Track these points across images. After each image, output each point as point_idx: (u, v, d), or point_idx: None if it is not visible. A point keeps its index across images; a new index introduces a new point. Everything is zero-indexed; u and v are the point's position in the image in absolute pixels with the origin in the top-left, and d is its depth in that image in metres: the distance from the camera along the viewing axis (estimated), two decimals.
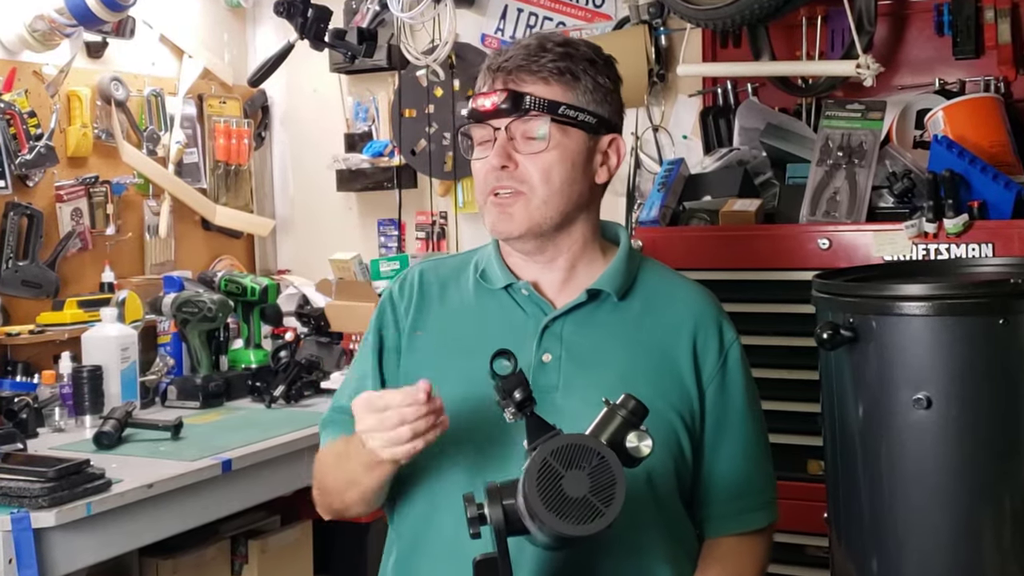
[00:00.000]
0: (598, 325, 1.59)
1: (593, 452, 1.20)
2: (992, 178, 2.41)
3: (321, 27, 3.07)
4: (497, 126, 1.55)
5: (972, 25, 2.78)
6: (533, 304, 1.60)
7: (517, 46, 1.58)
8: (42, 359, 2.98)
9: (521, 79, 1.54)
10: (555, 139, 1.54)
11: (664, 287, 1.66)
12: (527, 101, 1.53)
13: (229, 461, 2.45)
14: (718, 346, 1.62)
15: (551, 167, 1.54)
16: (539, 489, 1.19)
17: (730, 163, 2.87)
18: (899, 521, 1.40)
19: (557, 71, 1.54)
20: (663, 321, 1.61)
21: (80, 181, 3.30)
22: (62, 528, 2.09)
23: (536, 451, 1.22)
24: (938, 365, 1.36)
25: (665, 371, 1.59)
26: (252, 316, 3.21)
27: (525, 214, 1.55)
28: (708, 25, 2.79)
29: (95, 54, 3.39)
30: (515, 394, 1.29)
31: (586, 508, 1.19)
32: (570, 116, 1.55)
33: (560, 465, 1.20)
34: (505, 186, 1.55)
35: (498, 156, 1.54)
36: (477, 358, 1.41)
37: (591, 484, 1.19)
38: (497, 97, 1.53)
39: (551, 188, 1.55)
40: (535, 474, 1.20)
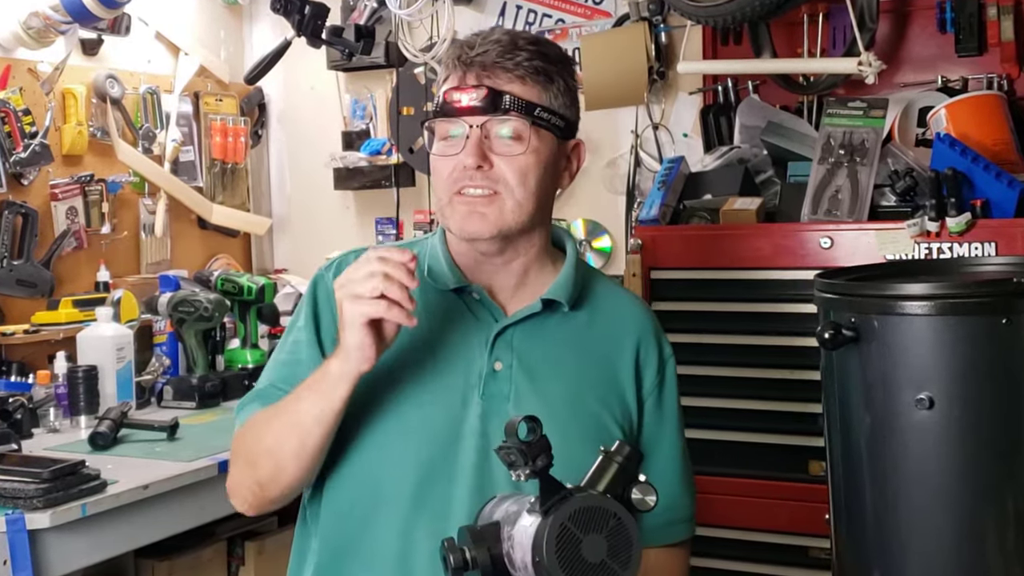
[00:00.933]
0: (549, 335, 1.56)
1: (609, 514, 1.18)
2: (995, 176, 2.42)
3: (318, 24, 3.06)
4: (472, 123, 1.48)
5: (975, 22, 2.78)
6: (484, 310, 1.56)
7: (486, 40, 1.51)
8: (37, 359, 2.97)
9: (497, 76, 1.48)
10: (532, 142, 1.49)
11: (610, 299, 1.64)
12: (507, 101, 1.47)
13: (225, 462, 2.39)
14: (657, 360, 1.62)
15: (528, 170, 1.49)
16: (559, 556, 1.16)
17: (731, 161, 2.87)
18: (901, 522, 1.40)
19: (534, 71, 1.49)
20: (609, 333, 1.60)
21: (75, 179, 3.29)
22: (57, 529, 2.08)
23: (552, 516, 1.18)
24: (941, 365, 1.36)
25: (609, 383, 1.58)
26: (249, 315, 3.20)
27: (498, 216, 1.49)
28: (709, 22, 2.80)
29: (90, 51, 3.39)
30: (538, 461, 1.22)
31: (604, 573, 1.16)
32: (544, 119, 1.50)
33: (579, 530, 1.17)
34: (479, 185, 1.49)
35: (473, 155, 1.47)
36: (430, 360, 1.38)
37: (608, 547, 1.17)
38: (476, 94, 1.47)
39: (526, 191, 1.50)
40: (554, 541, 1.16)
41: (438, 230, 1.63)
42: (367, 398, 1.50)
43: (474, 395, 1.51)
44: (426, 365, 1.49)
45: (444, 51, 3.35)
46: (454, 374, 1.52)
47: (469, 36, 1.55)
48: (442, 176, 1.51)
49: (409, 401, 1.49)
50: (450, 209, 1.52)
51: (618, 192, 3.33)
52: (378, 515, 1.49)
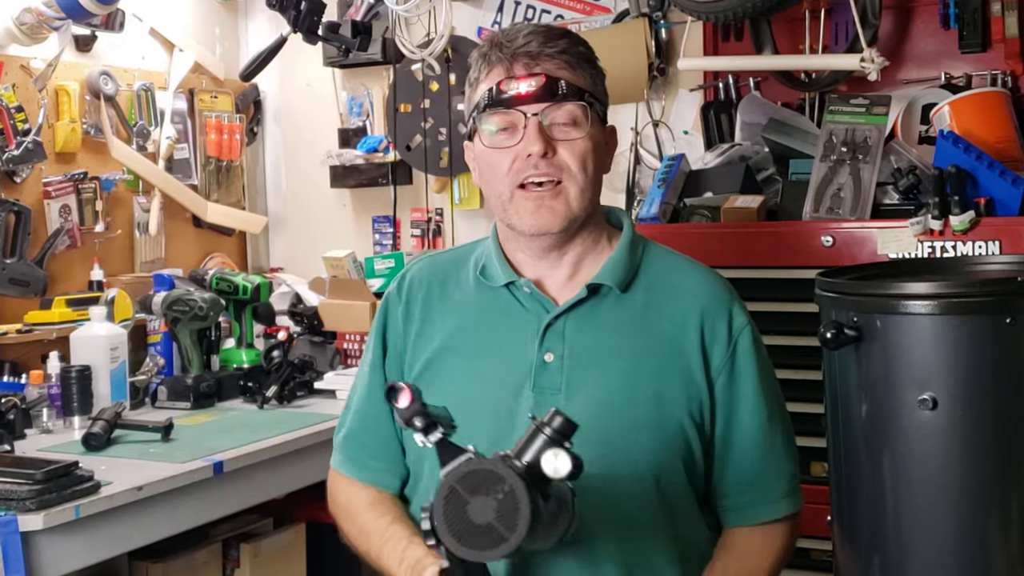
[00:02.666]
0: (601, 320, 1.55)
1: (499, 478, 1.21)
2: (999, 174, 2.43)
3: (314, 20, 3.05)
4: (531, 112, 1.50)
5: (979, 18, 2.78)
6: (535, 302, 1.57)
7: (523, 32, 1.54)
8: (30, 359, 2.95)
9: (547, 63, 1.51)
10: (587, 127, 1.52)
11: (669, 275, 1.62)
12: (562, 87, 1.49)
13: (221, 463, 2.42)
14: (727, 334, 1.58)
15: (587, 154, 1.52)
16: (445, 516, 1.21)
17: (732, 159, 2.87)
18: (903, 524, 1.39)
19: (579, 56, 1.53)
20: (668, 312, 1.58)
21: (68, 177, 3.28)
22: (50, 531, 2.07)
23: (444, 477, 1.23)
24: (944, 365, 1.34)
25: (672, 366, 1.55)
26: (244, 315, 3.19)
27: (566, 206, 1.51)
28: (709, 18, 2.80)
29: (84, 48, 3.38)
30: (415, 422, 1.30)
31: (490, 534, 1.20)
32: (593, 104, 1.53)
33: (466, 492, 1.21)
34: (544, 174, 1.50)
35: (537, 143, 1.49)
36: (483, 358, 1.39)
37: (496, 510, 1.20)
38: (533, 82, 1.49)
39: (587, 176, 1.52)
40: (441, 501, 1.22)
41: (491, 230, 1.64)
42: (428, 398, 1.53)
43: (526, 388, 1.52)
44: (479, 362, 1.53)
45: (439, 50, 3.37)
46: (506, 368, 1.54)
47: (497, 33, 1.58)
48: (501, 170, 1.52)
49: (463, 397, 1.50)
50: (513, 205, 1.53)
51: (618, 190, 3.32)
52: None
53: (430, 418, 1.30)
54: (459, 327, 1.60)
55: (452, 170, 3.59)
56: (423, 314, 1.63)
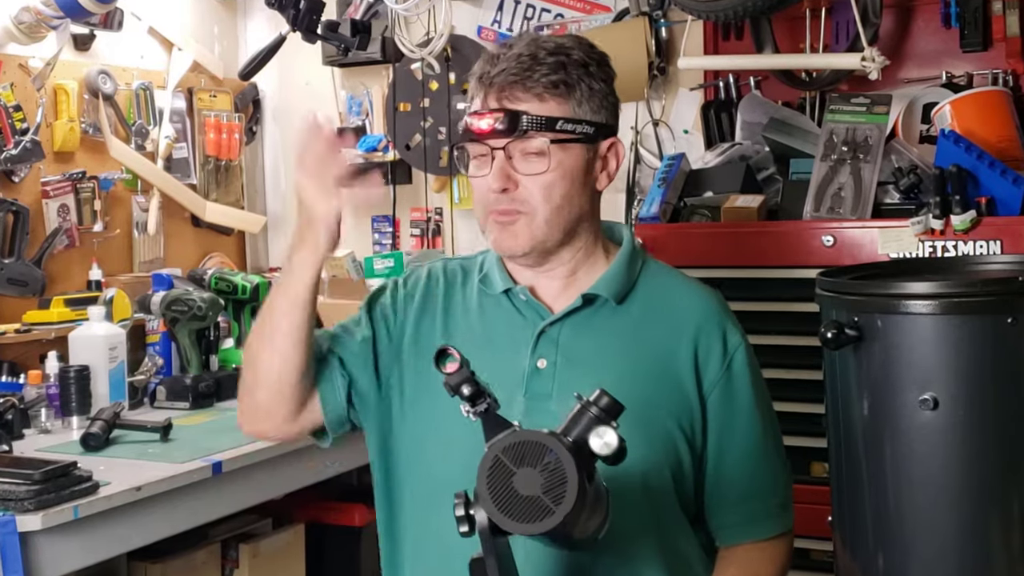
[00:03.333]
0: (595, 330, 1.57)
1: (546, 449, 1.19)
2: (1000, 173, 2.43)
3: (313, 19, 3.05)
4: (494, 146, 1.52)
5: (980, 17, 2.78)
6: (531, 309, 1.59)
7: (508, 55, 1.53)
8: (28, 359, 2.94)
9: (515, 96, 1.51)
10: (555, 157, 1.52)
11: (666, 290, 1.63)
12: (524, 121, 1.50)
13: (219, 463, 2.42)
14: (721, 351, 1.59)
15: (552, 186, 1.52)
16: (490, 487, 1.19)
17: (732, 158, 2.87)
18: (905, 524, 1.38)
19: (551, 85, 1.51)
20: (663, 327, 1.59)
21: (67, 177, 3.27)
22: (48, 532, 2.06)
23: (489, 447, 1.21)
24: (945, 365, 1.34)
25: (664, 378, 1.57)
26: (243, 315, 3.18)
27: (528, 233, 1.54)
28: (710, 17, 2.80)
29: (82, 47, 3.37)
30: (463, 390, 1.28)
31: (535, 507, 1.17)
32: (568, 130, 1.52)
33: (512, 462, 1.19)
34: (505, 209, 1.53)
35: (497, 179, 1.51)
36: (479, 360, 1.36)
37: (543, 482, 1.18)
38: (492, 118, 1.50)
39: (551, 207, 1.53)
40: (486, 471, 1.19)
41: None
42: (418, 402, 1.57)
43: (518, 394, 1.54)
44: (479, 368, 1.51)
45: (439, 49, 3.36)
46: (499, 373, 1.52)
47: (496, 47, 1.59)
48: (478, 197, 1.58)
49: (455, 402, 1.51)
50: (488, 228, 1.57)
51: (618, 189, 3.30)
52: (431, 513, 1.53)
53: (478, 386, 1.28)
54: (460, 330, 1.61)
55: (451, 169, 3.58)
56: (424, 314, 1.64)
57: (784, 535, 1.65)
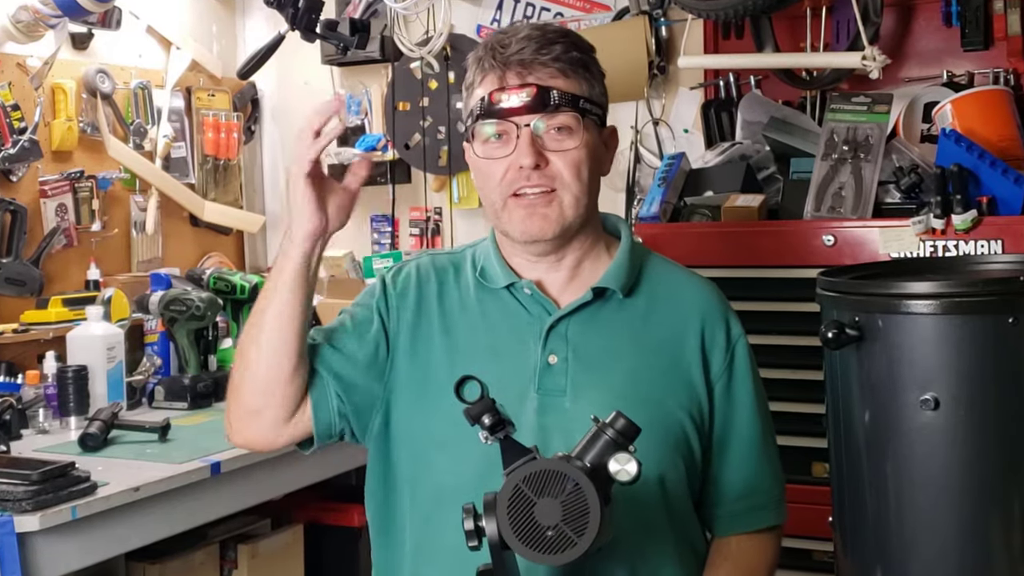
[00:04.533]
0: (604, 324, 1.56)
1: (567, 479, 1.17)
2: (1001, 173, 2.42)
3: (312, 18, 3.04)
4: (523, 123, 1.49)
5: (981, 16, 2.77)
6: (537, 304, 1.56)
7: (517, 36, 1.52)
8: (26, 359, 2.94)
9: (539, 72, 1.49)
10: (582, 135, 1.51)
11: (669, 282, 1.63)
12: (555, 96, 1.48)
13: (218, 463, 2.42)
14: (725, 342, 1.60)
15: (581, 163, 1.51)
16: (510, 517, 1.17)
17: (732, 158, 2.86)
18: (905, 525, 1.38)
19: (573, 62, 1.51)
20: (670, 318, 1.59)
21: (65, 176, 3.27)
22: (46, 532, 2.06)
23: (509, 477, 1.19)
24: (946, 365, 1.34)
25: (673, 369, 1.57)
26: (242, 315, 3.18)
27: (559, 214, 1.51)
28: (710, 16, 2.79)
29: (80, 45, 3.36)
30: (484, 420, 1.26)
31: (558, 537, 1.16)
32: (588, 110, 1.52)
33: (532, 492, 1.17)
34: (536, 184, 1.50)
35: (529, 155, 1.48)
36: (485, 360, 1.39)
37: (564, 512, 1.16)
38: (525, 93, 1.48)
39: (581, 184, 1.51)
40: (506, 501, 1.17)
41: (490, 232, 1.64)
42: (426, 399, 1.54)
43: (530, 390, 1.52)
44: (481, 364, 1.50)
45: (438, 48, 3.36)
46: (509, 370, 1.53)
47: (494, 35, 1.57)
48: (495, 179, 1.52)
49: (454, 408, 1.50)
50: (507, 213, 1.53)
51: (617, 189, 3.30)
52: (440, 512, 1.51)
53: (499, 414, 1.27)
54: (460, 330, 1.58)
55: (451, 169, 3.57)
56: (420, 313, 1.60)
57: (775, 529, 1.66)
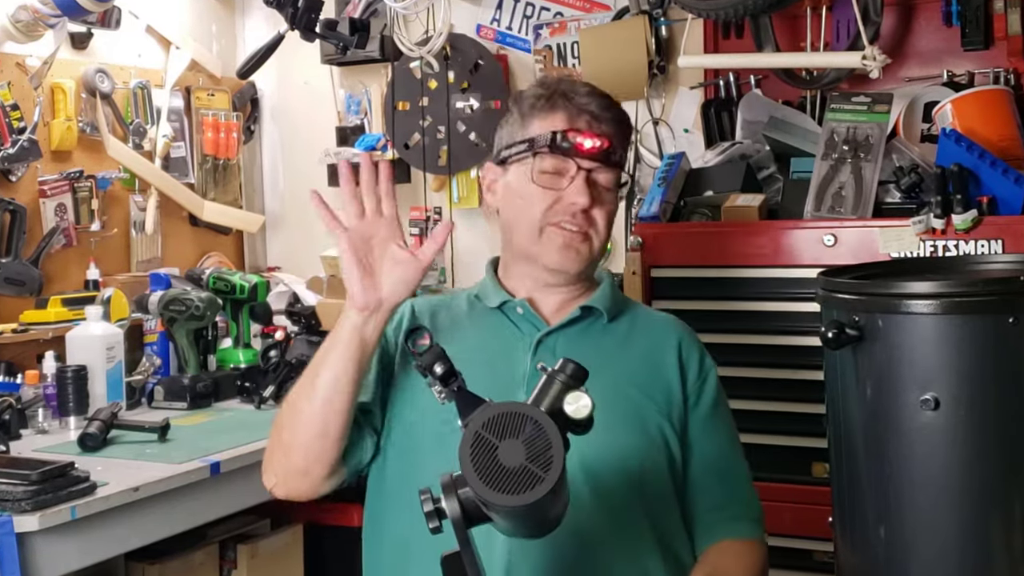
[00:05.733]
0: (589, 341, 1.66)
1: (525, 418, 1.18)
2: (1002, 173, 2.43)
3: (312, 17, 3.04)
4: (587, 166, 1.62)
5: (981, 16, 2.78)
6: (527, 322, 1.67)
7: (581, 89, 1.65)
8: (25, 359, 2.93)
9: (604, 126, 1.63)
10: (617, 192, 1.67)
11: (646, 316, 1.77)
12: (617, 154, 1.64)
13: (217, 463, 2.41)
14: (699, 365, 1.71)
15: (610, 215, 1.66)
16: (474, 464, 1.16)
17: (732, 157, 2.86)
18: (906, 525, 1.39)
19: (623, 126, 1.67)
20: (649, 339, 1.71)
21: (64, 176, 3.27)
22: (45, 532, 2.05)
23: (468, 425, 1.19)
24: (946, 365, 1.34)
25: (654, 378, 1.66)
26: (241, 314, 3.17)
27: (588, 253, 1.65)
28: (710, 15, 2.79)
29: (80, 45, 3.36)
30: (435, 368, 1.29)
31: (525, 476, 1.16)
32: (623, 168, 1.67)
33: (493, 436, 1.17)
34: (578, 224, 1.62)
35: (586, 196, 1.61)
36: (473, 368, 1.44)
37: (527, 450, 1.16)
38: (598, 142, 1.60)
39: (606, 233, 1.66)
40: (468, 449, 1.17)
41: (487, 268, 1.75)
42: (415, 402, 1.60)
43: (519, 394, 1.57)
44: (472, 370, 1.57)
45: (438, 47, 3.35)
46: (500, 377, 1.60)
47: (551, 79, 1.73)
48: (539, 206, 1.63)
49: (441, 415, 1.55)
50: (545, 238, 1.64)
51: None
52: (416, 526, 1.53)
53: (450, 363, 1.29)
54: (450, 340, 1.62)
55: (451, 168, 3.57)
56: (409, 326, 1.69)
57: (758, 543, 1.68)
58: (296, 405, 1.57)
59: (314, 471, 1.57)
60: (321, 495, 1.63)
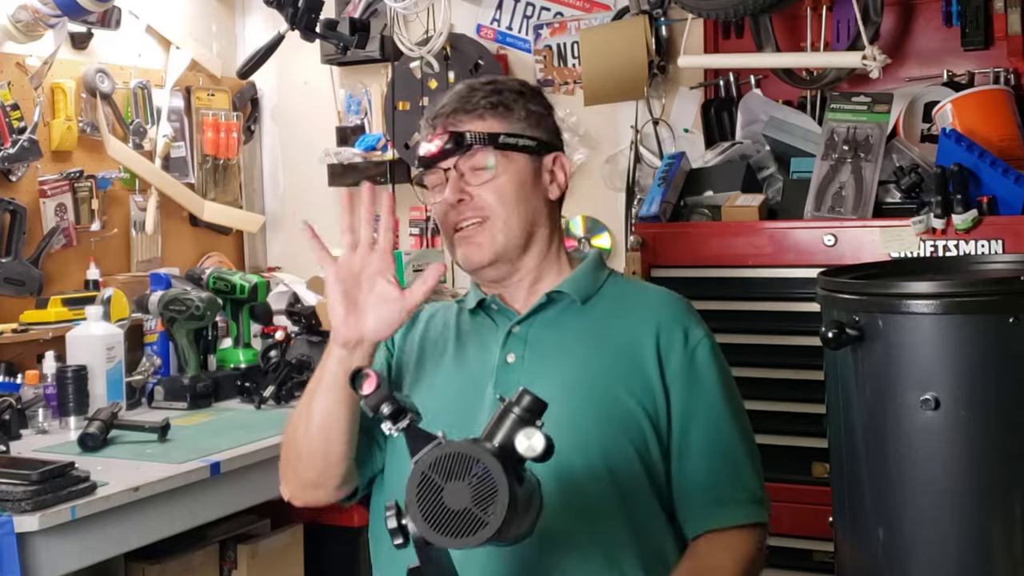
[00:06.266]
0: (563, 327, 1.66)
1: (472, 460, 1.17)
2: (1002, 173, 2.43)
3: (312, 17, 3.04)
4: (446, 167, 1.65)
5: (981, 15, 2.78)
6: (501, 315, 1.69)
7: (448, 94, 1.70)
8: (25, 359, 2.93)
9: (459, 120, 1.65)
10: (501, 165, 1.64)
11: (629, 295, 1.73)
12: (468, 137, 1.63)
13: (217, 463, 2.41)
14: (682, 345, 1.64)
15: (503, 189, 1.64)
16: (420, 505, 1.17)
17: (732, 157, 2.86)
18: (906, 525, 1.39)
19: (490, 105, 1.66)
20: (626, 322, 1.67)
21: (64, 176, 3.27)
22: (46, 532, 2.05)
23: (415, 464, 1.19)
24: (946, 365, 1.35)
25: (629, 366, 1.63)
26: (241, 314, 3.17)
27: (491, 240, 1.64)
28: (710, 15, 2.79)
29: (80, 45, 3.36)
30: (383, 409, 1.28)
31: (468, 520, 1.16)
32: (510, 143, 1.65)
33: (440, 477, 1.17)
34: (467, 217, 1.64)
35: (453, 192, 1.63)
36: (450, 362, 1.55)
37: (472, 494, 1.16)
38: (440, 140, 1.64)
39: (508, 208, 1.64)
40: (415, 489, 1.17)
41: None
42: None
43: (488, 387, 1.61)
44: (450, 371, 1.67)
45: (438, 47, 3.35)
46: (471, 371, 1.65)
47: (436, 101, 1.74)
48: (440, 220, 1.69)
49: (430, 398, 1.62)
50: (454, 249, 1.68)
51: (618, 189, 3.30)
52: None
53: (398, 404, 1.28)
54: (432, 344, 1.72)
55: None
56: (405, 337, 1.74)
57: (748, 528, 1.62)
58: (298, 428, 1.62)
59: (325, 484, 1.63)
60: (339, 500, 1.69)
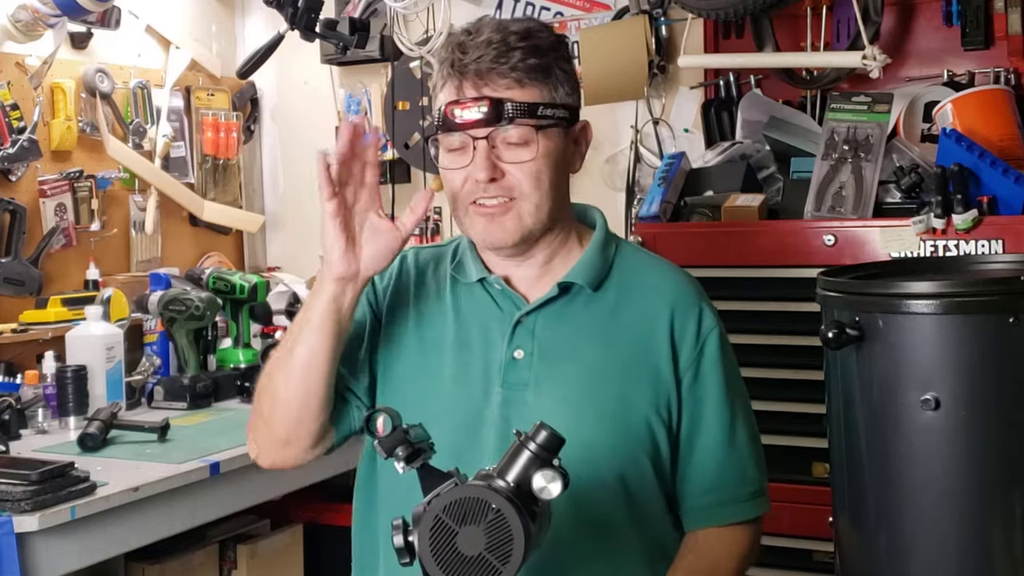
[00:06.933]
0: (572, 319, 1.56)
1: (487, 506, 1.14)
2: (1002, 172, 2.43)
3: (312, 17, 3.04)
4: (477, 135, 1.48)
5: (981, 15, 2.77)
6: (506, 299, 1.57)
7: (478, 42, 1.50)
8: (25, 359, 2.93)
9: (495, 83, 1.48)
10: (540, 144, 1.49)
11: (641, 273, 1.62)
12: (509, 109, 1.47)
13: (217, 464, 2.41)
14: (696, 333, 1.57)
15: (540, 172, 1.50)
16: (432, 549, 1.14)
17: (732, 157, 2.86)
18: (906, 525, 1.38)
19: (530, 70, 1.49)
20: (639, 308, 1.57)
21: (64, 176, 3.27)
22: (45, 533, 2.06)
23: (428, 507, 1.16)
24: (947, 365, 1.34)
25: (641, 363, 1.55)
26: (241, 314, 3.17)
27: (518, 222, 1.51)
28: (710, 15, 2.79)
29: (79, 45, 3.36)
30: (398, 452, 1.23)
31: (482, 567, 1.13)
32: (548, 116, 1.50)
33: (453, 521, 1.14)
34: (494, 196, 1.50)
35: (484, 169, 1.48)
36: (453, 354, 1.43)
37: (487, 540, 1.13)
38: (477, 108, 1.46)
39: (542, 193, 1.50)
40: (427, 533, 1.14)
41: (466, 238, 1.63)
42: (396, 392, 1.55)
43: (495, 384, 1.52)
44: (451, 358, 1.53)
45: (438, 47, 3.35)
46: (476, 364, 1.54)
47: (459, 34, 1.54)
48: (456, 188, 1.52)
49: (433, 393, 1.53)
50: (468, 220, 1.53)
51: (617, 188, 3.30)
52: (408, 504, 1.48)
53: (412, 446, 1.23)
54: (433, 323, 1.59)
55: None
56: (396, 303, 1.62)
57: (748, 524, 1.61)
58: (274, 378, 1.53)
59: (297, 442, 1.53)
60: (308, 462, 1.58)
